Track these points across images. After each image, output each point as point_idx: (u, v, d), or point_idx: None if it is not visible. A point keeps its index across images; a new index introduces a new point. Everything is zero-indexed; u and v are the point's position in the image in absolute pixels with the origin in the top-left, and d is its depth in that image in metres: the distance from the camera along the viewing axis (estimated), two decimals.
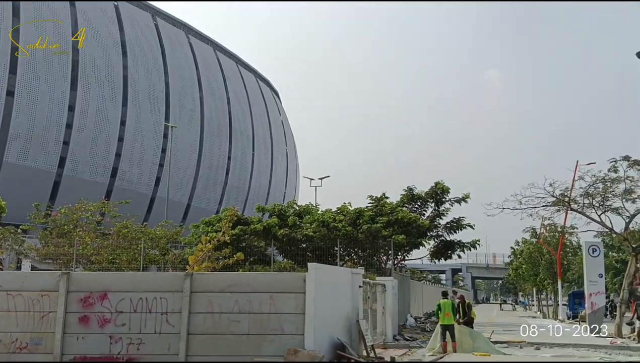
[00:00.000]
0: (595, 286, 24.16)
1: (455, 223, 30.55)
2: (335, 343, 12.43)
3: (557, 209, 25.27)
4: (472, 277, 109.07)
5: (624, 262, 39.98)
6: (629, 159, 22.61)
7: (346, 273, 14.67)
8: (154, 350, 11.30)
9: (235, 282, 11.82)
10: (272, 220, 28.71)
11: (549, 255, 42.04)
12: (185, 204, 60.39)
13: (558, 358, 13.82)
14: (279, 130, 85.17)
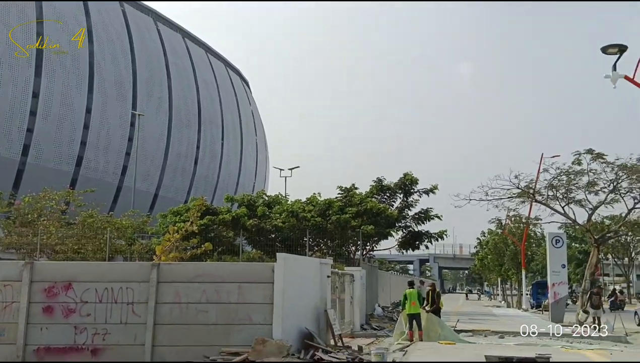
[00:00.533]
0: (558, 276, 24.73)
1: (423, 214, 30.92)
2: (303, 333, 12.48)
3: (522, 201, 25.78)
4: (439, 267, 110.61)
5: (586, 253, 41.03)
6: (592, 152, 23.14)
7: (315, 263, 14.72)
8: (120, 340, 11.19)
9: (203, 272, 11.76)
10: (241, 211, 28.59)
11: (514, 245, 42.86)
12: (153, 194, 59.65)
13: (521, 346, 14.12)
14: (249, 120, 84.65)
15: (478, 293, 79.68)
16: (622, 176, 22.97)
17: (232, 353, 10.87)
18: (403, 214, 30.72)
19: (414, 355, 11.70)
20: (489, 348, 13.35)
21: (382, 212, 28.01)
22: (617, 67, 12.85)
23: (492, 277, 67.16)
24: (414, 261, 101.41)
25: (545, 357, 11.53)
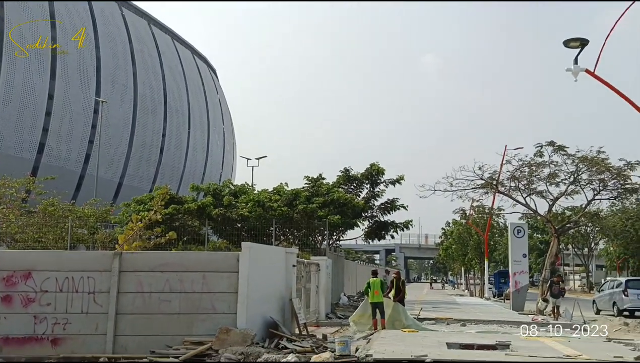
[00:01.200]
0: (520, 265, 25.23)
1: (389, 204, 31.19)
2: (268, 322, 12.49)
3: (485, 192, 26.23)
4: (405, 257, 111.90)
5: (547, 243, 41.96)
6: (553, 144, 23.62)
7: (280, 252, 14.72)
8: (81, 330, 11.01)
9: (166, 261, 11.64)
10: (207, 200, 28.36)
11: (477, 235, 43.61)
12: (117, 183, 58.65)
13: (482, 334, 14.39)
14: (216, 109, 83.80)
15: (442, 283, 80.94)
16: (582, 168, 23.53)
17: (196, 343, 10.81)
18: (369, 204, 30.94)
19: (377, 343, 11.81)
20: (451, 336, 13.58)
21: (348, 202, 28.14)
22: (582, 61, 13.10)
23: (456, 267, 68.29)
24: (380, 251, 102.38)
25: (505, 343, 11.79)
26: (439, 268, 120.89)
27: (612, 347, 12.11)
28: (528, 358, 9.90)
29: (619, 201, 29.38)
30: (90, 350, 10.82)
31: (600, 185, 23.92)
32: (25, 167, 41.72)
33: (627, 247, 53.75)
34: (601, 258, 69.57)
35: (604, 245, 64.37)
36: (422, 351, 10.41)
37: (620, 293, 24.61)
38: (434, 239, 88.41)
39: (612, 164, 23.16)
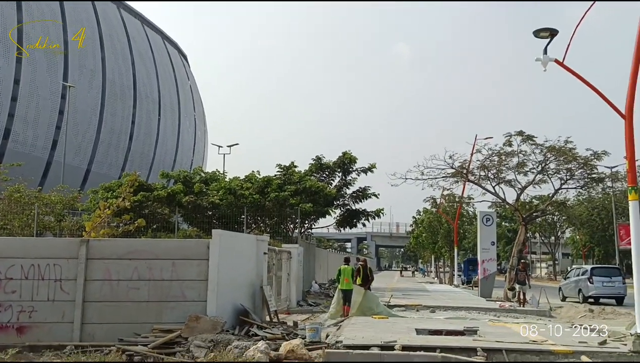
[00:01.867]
0: (488, 253, 25.60)
1: (361, 193, 31.30)
2: (238, 309, 12.45)
3: (455, 180, 26.47)
4: (376, 246, 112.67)
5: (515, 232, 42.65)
6: (522, 133, 23.92)
7: (251, 240, 14.65)
8: (47, 318, 10.83)
9: (135, 248, 11.49)
10: (177, 187, 28.07)
11: (447, 224, 44.08)
12: (85, 169, 57.67)
13: (451, 320, 14.58)
14: (187, 95, 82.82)
15: (412, 270, 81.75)
16: (550, 158, 23.89)
17: (165, 331, 10.71)
18: (341, 193, 30.99)
19: (347, 329, 11.88)
20: (420, 322, 13.74)
21: (320, 190, 28.13)
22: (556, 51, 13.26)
23: (426, 255, 69.06)
24: (352, 239, 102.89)
25: (472, 329, 11.97)
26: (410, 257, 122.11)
27: (577, 332, 12.37)
28: (495, 344, 10.05)
29: (586, 190, 29.99)
30: (57, 338, 10.64)
31: (567, 175, 24.33)
32: None
33: (593, 236, 55.03)
34: (567, 246, 71.17)
35: (570, 233, 65.84)
36: (392, 337, 10.50)
37: (585, 280, 25.17)
38: (405, 228, 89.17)
39: (579, 153, 23.58)
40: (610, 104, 12.18)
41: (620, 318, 16.50)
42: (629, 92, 11.78)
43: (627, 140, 11.73)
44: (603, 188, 36.95)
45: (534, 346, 10.00)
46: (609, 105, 12.18)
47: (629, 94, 11.77)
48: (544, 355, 9.48)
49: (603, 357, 9.21)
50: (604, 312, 18.02)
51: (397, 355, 9.25)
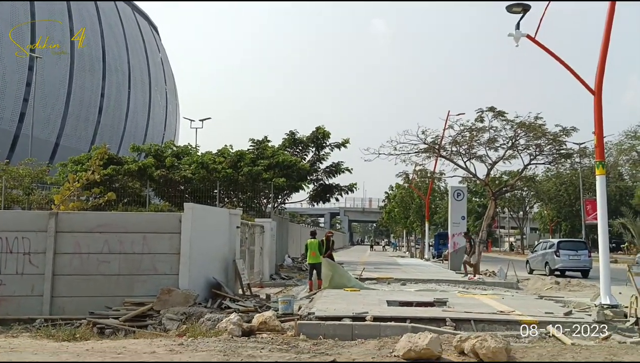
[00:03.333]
0: (458, 227, 25.99)
1: (334, 168, 31.38)
2: (211, 283, 12.45)
3: (428, 156, 26.62)
4: (349, 221, 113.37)
5: (485, 207, 43.25)
6: (494, 110, 24.10)
7: (224, 214, 14.61)
8: (16, 291, 10.72)
9: (105, 222, 11.39)
10: (148, 161, 27.73)
11: (419, 199, 44.52)
12: (53, 143, 56.52)
13: (421, 292, 14.82)
14: (158, 68, 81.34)
15: (382, 245, 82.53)
16: (520, 133, 24.16)
17: (137, 304, 10.69)
18: (315, 167, 31.02)
19: (320, 302, 12.00)
20: (392, 294, 13.94)
21: (293, 164, 28.10)
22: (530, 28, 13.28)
23: (398, 229, 69.80)
24: (325, 214, 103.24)
25: (442, 300, 12.20)
26: (382, 231, 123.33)
27: (543, 303, 12.70)
28: (463, 314, 10.27)
29: (554, 166, 30.44)
30: (27, 311, 10.54)
31: (536, 151, 24.65)
32: None
33: (560, 211, 56.22)
34: (535, 221, 72.62)
35: (538, 208, 67.15)
36: (364, 308, 10.64)
37: (552, 254, 25.74)
38: (378, 203, 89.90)
39: (548, 129, 23.89)
40: (579, 79, 12.34)
41: (585, 291, 16.95)
42: (598, 69, 11.94)
43: (596, 116, 11.93)
44: (571, 164, 37.61)
45: (502, 316, 10.25)
46: (579, 80, 12.33)
47: (599, 70, 11.93)
48: (511, 325, 9.71)
49: (568, 327, 9.48)
50: (569, 285, 18.47)
51: (368, 326, 9.39)
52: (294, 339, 8.54)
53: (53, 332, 8.99)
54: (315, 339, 8.62)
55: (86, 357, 7.28)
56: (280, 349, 7.80)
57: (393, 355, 7.35)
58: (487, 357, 7.03)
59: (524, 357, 7.38)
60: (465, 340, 7.41)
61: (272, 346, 7.96)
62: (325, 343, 8.32)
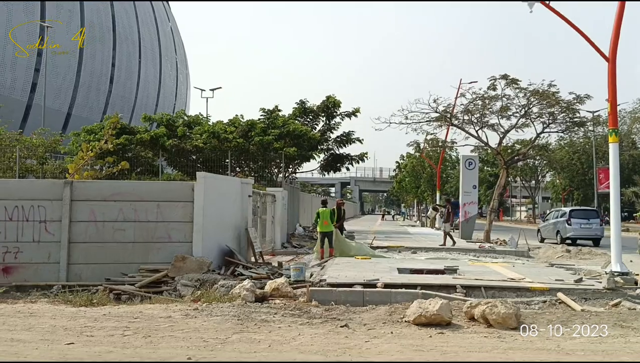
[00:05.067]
0: (469, 196, 25.96)
1: (345, 137, 31.31)
2: (224, 250, 12.62)
3: (439, 125, 26.45)
4: (359, 190, 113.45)
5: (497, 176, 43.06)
6: (507, 77, 23.82)
7: (236, 182, 14.71)
8: (33, 258, 10.93)
9: (119, 190, 11.52)
10: (160, 130, 27.85)
11: (430, 168, 44.40)
12: (66, 113, 56.74)
13: (432, 260, 14.95)
14: (168, 38, 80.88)
15: (392, 215, 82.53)
16: (533, 102, 23.93)
17: (152, 271, 10.88)
18: (325, 137, 30.97)
19: (331, 269, 12.14)
20: (402, 262, 14.05)
21: (304, 134, 28.07)
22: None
23: (409, 199, 69.80)
24: (336, 184, 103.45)
25: (452, 268, 12.29)
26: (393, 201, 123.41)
27: (554, 271, 12.76)
28: (474, 281, 10.36)
29: (567, 134, 30.18)
30: (44, 278, 10.77)
31: (549, 119, 24.42)
32: None
33: (573, 180, 55.93)
34: (547, 190, 72.30)
35: (550, 177, 66.79)
36: (374, 276, 10.76)
37: (564, 222, 25.72)
38: (389, 172, 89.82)
39: (562, 97, 23.63)
40: (594, 46, 12.18)
41: (596, 259, 16.99)
42: (613, 35, 11.77)
43: (610, 83, 11.80)
44: (584, 132, 37.30)
45: (512, 283, 10.33)
46: (593, 47, 12.17)
47: (613, 36, 11.77)
48: (521, 292, 9.79)
49: (578, 294, 9.55)
50: (580, 253, 18.50)
51: (379, 293, 9.50)
52: (306, 305, 8.69)
53: (70, 298, 9.20)
54: (327, 305, 8.76)
55: (103, 321, 7.47)
56: (293, 314, 7.95)
57: (404, 321, 7.47)
58: (497, 323, 7.13)
59: (534, 323, 7.48)
60: (476, 306, 7.50)
61: (284, 311, 8.11)
62: (337, 309, 8.45)
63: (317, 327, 7.23)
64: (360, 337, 6.68)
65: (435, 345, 6.35)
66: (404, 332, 6.98)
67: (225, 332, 6.88)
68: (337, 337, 6.69)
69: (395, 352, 6.03)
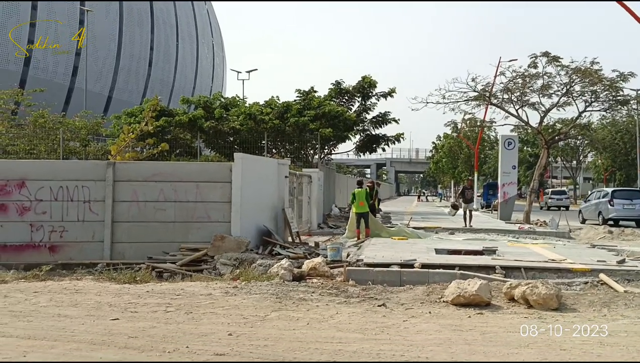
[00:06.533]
0: (508, 177, 25.54)
1: (381, 118, 31.14)
2: (261, 230, 12.77)
3: (478, 104, 26.08)
4: (395, 171, 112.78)
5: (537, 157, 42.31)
6: (548, 55, 23.28)
7: (272, 163, 14.82)
8: (78, 237, 11.24)
9: (159, 171, 11.73)
10: (198, 112, 28.18)
11: (468, 149, 43.85)
12: (106, 96, 57.88)
13: (470, 241, 14.82)
14: (205, 21, 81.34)
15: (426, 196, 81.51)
16: (575, 79, 23.35)
17: (192, 249, 11.09)
18: (361, 118, 30.87)
19: (368, 249, 12.17)
20: (440, 243, 13.98)
21: (340, 115, 28.02)
22: None
23: (445, 180, 69.18)
24: (371, 165, 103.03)
25: (491, 249, 12.18)
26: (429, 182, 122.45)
27: (596, 252, 12.53)
28: (513, 262, 10.24)
29: (610, 113, 29.41)
30: (88, 256, 11.09)
31: (592, 97, 23.82)
32: (12, 80, 41.02)
33: (615, 160, 54.45)
34: (589, 170, 70.62)
35: (592, 157, 65.17)
36: (411, 256, 10.75)
37: (606, 203, 25.12)
38: (425, 153, 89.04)
39: (605, 75, 22.99)
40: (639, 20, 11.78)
41: (639, 240, 16.59)
42: None
43: None
44: (628, 111, 36.17)
45: (553, 264, 10.18)
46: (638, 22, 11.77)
47: None
48: (562, 273, 9.65)
49: (621, 275, 9.35)
50: (623, 234, 18.06)
51: (416, 273, 9.49)
52: (343, 284, 8.75)
53: (114, 275, 9.46)
54: (364, 285, 8.80)
55: (146, 298, 7.67)
56: (330, 293, 8.01)
57: (442, 301, 7.45)
58: (538, 304, 7.05)
59: (575, 304, 7.37)
60: (516, 287, 7.43)
61: (322, 290, 8.18)
62: (374, 288, 8.49)
63: (355, 306, 7.28)
64: (398, 317, 6.70)
65: (474, 325, 6.33)
66: (442, 312, 6.98)
67: (264, 309, 6.99)
68: (374, 316, 6.72)
69: (434, 331, 6.04)
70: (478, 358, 5.11)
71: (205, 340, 5.65)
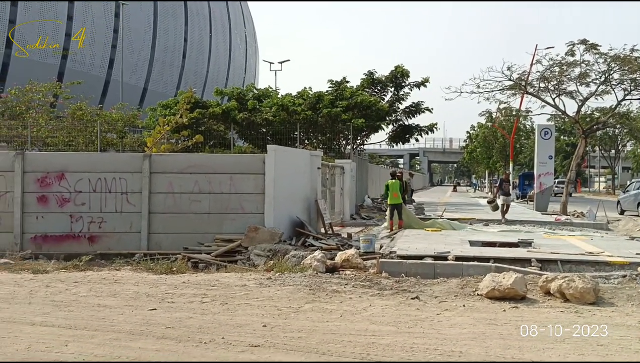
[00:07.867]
0: (545, 167, 25.08)
1: (414, 108, 30.90)
2: (294, 222, 12.85)
3: (513, 93, 25.64)
4: (428, 161, 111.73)
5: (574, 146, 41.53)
6: (586, 42, 22.72)
7: (305, 155, 14.86)
8: (116, 228, 11.51)
9: (194, 163, 11.90)
10: (231, 104, 28.39)
11: (503, 138, 43.19)
12: (142, 88, 58.72)
13: (504, 233, 14.65)
14: (237, 11, 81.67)
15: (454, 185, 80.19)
16: (614, 67, 22.76)
17: (226, 240, 11.24)
18: (394, 108, 30.68)
19: (401, 241, 12.14)
20: (474, 235, 13.85)
21: (372, 105, 27.90)
22: None
23: (480, 170, 68.31)
24: (404, 155, 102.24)
25: (527, 241, 12.02)
26: (463, 172, 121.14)
27: (634, 244, 12.25)
28: (549, 255, 10.10)
29: None
30: (126, 247, 11.35)
31: (631, 85, 23.17)
32: (50, 72, 41.92)
33: None
34: (628, 160, 68.80)
35: (631, 147, 63.48)
36: (445, 248, 10.69)
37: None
38: (459, 143, 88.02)
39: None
40: None
41: None
42: None
43: None
44: None
45: (590, 257, 10.00)
46: None
47: None
48: (599, 266, 9.48)
49: None
50: None
51: (450, 265, 9.44)
52: (376, 276, 8.75)
53: (152, 266, 9.66)
54: (397, 277, 8.79)
55: (183, 289, 7.81)
56: (364, 285, 8.03)
57: (476, 294, 7.40)
58: (574, 297, 6.95)
59: (613, 298, 7.25)
60: (552, 281, 7.33)
61: (355, 282, 8.20)
62: (408, 280, 8.47)
63: (388, 298, 7.29)
64: (431, 310, 6.69)
65: (509, 319, 6.28)
66: (476, 305, 6.93)
67: (298, 301, 7.05)
68: (408, 309, 6.72)
69: (468, 325, 6.01)
70: (513, 353, 5.08)
71: (240, 331, 5.74)
